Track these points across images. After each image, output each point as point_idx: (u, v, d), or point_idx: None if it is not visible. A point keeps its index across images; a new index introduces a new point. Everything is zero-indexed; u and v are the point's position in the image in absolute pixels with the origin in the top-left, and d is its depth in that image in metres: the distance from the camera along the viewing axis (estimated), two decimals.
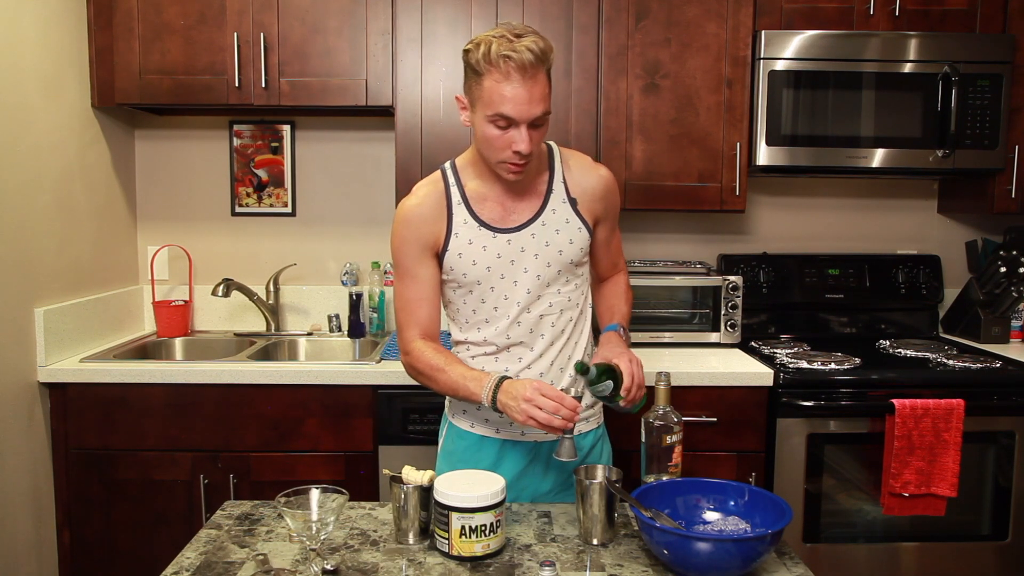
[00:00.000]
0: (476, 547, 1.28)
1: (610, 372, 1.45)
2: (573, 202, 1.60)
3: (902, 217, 3.00)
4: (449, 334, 1.71)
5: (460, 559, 1.29)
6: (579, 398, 1.41)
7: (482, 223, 1.57)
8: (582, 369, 1.40)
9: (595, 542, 1.36)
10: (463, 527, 1.28)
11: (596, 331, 1.72)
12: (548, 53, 1.43)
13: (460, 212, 1.57)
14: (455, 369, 1.53)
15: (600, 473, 1.40)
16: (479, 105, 1.47)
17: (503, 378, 1.46)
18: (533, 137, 1.46)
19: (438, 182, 1.60)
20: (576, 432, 1.64)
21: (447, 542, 1.29)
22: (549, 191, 1.59)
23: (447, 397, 1.71)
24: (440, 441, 1.75)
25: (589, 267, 1.72)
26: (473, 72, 1.46)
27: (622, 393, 1.46)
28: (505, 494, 1.32)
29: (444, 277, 1.61)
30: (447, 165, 1.63)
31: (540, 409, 1.36)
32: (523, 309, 1.58)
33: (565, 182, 1.60)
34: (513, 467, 1.64)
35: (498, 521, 1.30)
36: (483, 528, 1.28)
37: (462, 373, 1.52)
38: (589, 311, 1.70)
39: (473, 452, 1.66)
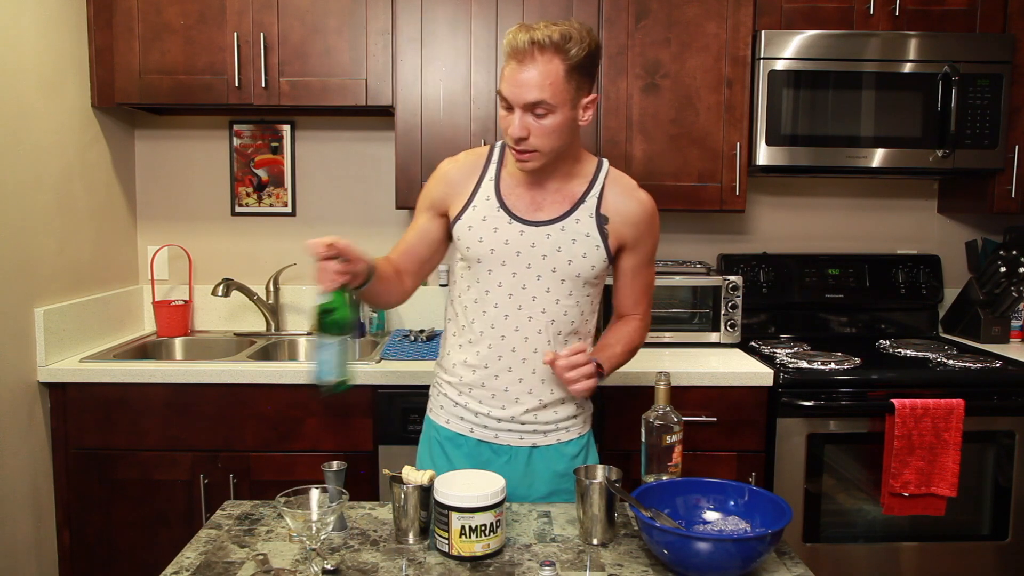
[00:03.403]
0: (476, 547, 1.28)
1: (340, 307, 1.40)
2: (601, 219, 1.57)
3: (902, 217, 3.00)
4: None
5: (460, 559, 1.29)
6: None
7: (502, 205, 1.57)
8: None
9: (595, 542, 1.36)
10: (463, 527, 1.28)
11: None
12: (563, 44, 1.40)
13: (487, 188, 1.58)
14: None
15: (600, 473, 1.40)
16: None
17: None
18: (531, 127, 1.44)
19: (482, 155, 1.63)
20: (555, 441, 1.63)
21: (447, 542, 1.29)
22: (581, 201, 1.57)
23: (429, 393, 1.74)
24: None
25: (610, 296, 1.68)
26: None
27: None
28: (505, 494, 1.32)
29: (456, 244, 1.62)
30: (499, 143, 1.63)
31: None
32: (514, 304, 1.56)
33: (601, 197, 1.58)
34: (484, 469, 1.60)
35: (498, 521, 1.30)
36: (483, 528, 1.28)
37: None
38: (591, 335, 1.66)
39: (448, 448, 1.65)
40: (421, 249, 1.66)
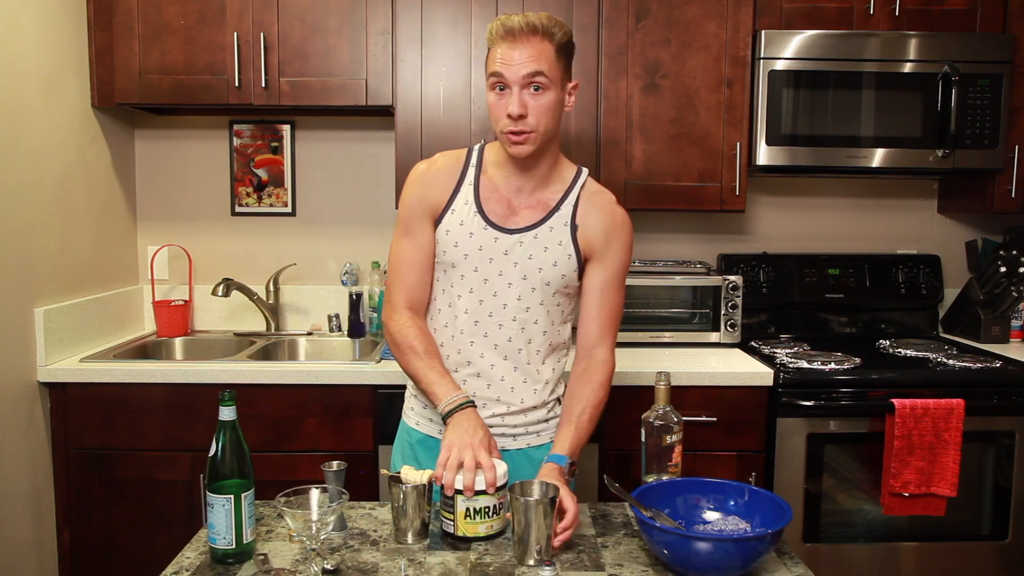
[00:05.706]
0: (480, 528, 1.35)
1: None
2: (574, 228, 1.57)
3: (902, 217, 3.00)
4: None
5: (465, 539, 1.35)
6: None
7: (480, 211, 1.56)
8: None
9: (531, 563, 1.26)
10: (468, 509, 1.34)
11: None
12: (550, 27, 1.46)
13: (466, 192, 1.57)
14: (433, 363, 1.53)
15: (536, 490, 1.33)
16: (486, 75, 1.51)
17: (472, 403, 1.47)
18: (529, 104, 1.46)
19: (460, 157, 1.62)
20: (525, 445, 1.62)
21: (452, 523, 1.35)
22: (556, 209, 1.57)
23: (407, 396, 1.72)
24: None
25: (576, 316, 1.65)
26: (487, 50, 1.52)
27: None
28: (507, 478, 1.38)
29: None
30: (476, 146, 1.64)
31: (456, 463, 1.36)
32: (484, 310, 1.56)
33: (576, 206, 1.58)
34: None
35: (500, 504, 1.36)
36: (486, 510, 1.35)
37: (439, 371, 1.52)
38: (564, 346, 1.65)
39: (419, 451, 1.64)
40: (429, 264, 1.60)
